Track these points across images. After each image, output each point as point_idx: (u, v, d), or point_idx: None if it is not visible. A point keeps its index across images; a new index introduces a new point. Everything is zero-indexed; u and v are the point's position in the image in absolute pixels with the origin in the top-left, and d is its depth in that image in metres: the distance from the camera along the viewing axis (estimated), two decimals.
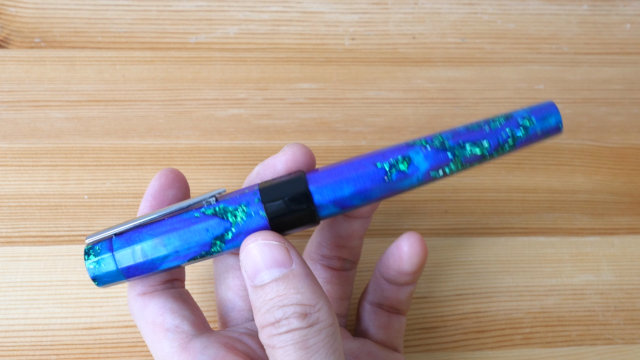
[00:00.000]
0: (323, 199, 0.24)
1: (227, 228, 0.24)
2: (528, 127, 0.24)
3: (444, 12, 0.41)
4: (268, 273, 0.23)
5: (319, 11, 0.41)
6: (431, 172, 0.24)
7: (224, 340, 0.25)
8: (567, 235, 0.36)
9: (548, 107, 0.24)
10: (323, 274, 0.29)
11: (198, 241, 0.24)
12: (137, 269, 0.24)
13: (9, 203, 0.34)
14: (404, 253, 0.27)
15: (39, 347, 0.31)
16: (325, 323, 0.22)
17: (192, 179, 0.35)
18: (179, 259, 0.24)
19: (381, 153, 0.24)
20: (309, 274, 0.23)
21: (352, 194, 0.24)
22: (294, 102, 0.38)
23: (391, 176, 0.24)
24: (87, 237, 0.25)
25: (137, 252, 0.24)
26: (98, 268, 0.24)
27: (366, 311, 0.30)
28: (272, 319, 0.22)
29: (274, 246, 0.23)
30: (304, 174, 0.24)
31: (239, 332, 0.26)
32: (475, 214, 0.36)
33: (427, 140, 0.24)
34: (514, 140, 0.24)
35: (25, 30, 0.38)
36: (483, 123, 0.24)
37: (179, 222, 0.24)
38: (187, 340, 0.25)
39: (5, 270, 0.32)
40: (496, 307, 0.34)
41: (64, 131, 0.36)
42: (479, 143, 0.24)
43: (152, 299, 0.26)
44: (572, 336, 0.33)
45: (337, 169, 0.24)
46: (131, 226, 0.24)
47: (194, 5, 0.40)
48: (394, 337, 0.29)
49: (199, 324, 0.26)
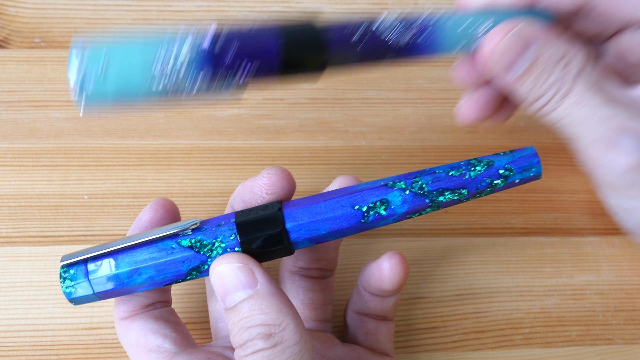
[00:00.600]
0: (299, 236, 0.24)
1: (203, 261, 0.24)
2: (508, 176, 0.24)
3: None
4: (234, 295, 0.23)
5: (319, 11, 0.41)
6: (407, 215, 0.24)
7: (205, 357, 0.25)
8: (567, 235, 0.36)
9: (529, 158, 0.25)
10: (303, 284, 0.29)
11: (174, 271, 0.24)
12: (113, 293, 0.25)
13: (9, 203, 0.34)
14: (384, 275, 0.28)
15: (39, 347, 0.31)
16: (290, 342, 0.22)
17: (192, 179, 0.35)
18: (154, 285, 0.25)
19: (360, 194, 0.24)
20: (275, 292, 0.23)
21: (328, 233, 0.24)
22: (294, 102, 0.38)
23: (368, 218, 0.24)
24: (63, 258, 0.25)
25: (113, 279, 0.24)
26: (74, 292, 0.25)
27: (352, 319, 0.30)
28: (241, 341, 0.22)
29: (239, 268, 0.23)
30: (281, 210, 0.24)
31: (222, 347, 0.27)
32: (475, 214, 0.36)
33: (407, 183, 0.24)
34: (492, 188, 0.25)
35: (25, 30, 0.38)
36: (464, 168, 0.24)
37: (155, 252, 0.24)
38: (169, 358, 0.25)
39: (5, 270, 0.32)
40: (496, 307, 0.34)
41: (64, 131, 0.36)
42: (457, 192, 0.24)
43: (134, 321, 0.26)
44: (572, 336, 0.33)
45: (315, 208, 0.24)
46: (106, 251, 0.24)
47: (194, 5, 0.40)
48: (383, 343, 0.30)
49: (181, 341, 0.26)
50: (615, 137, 0.24)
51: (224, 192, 0.35)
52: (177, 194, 0.35)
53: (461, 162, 0.25)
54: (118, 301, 0.27)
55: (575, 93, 0.25)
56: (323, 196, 0.25)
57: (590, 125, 0.25)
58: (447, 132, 0.38)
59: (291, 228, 0.24)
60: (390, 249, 0.35)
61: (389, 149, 0.37)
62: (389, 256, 0.28)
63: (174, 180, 0.35)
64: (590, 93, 0.25)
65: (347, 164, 0.37)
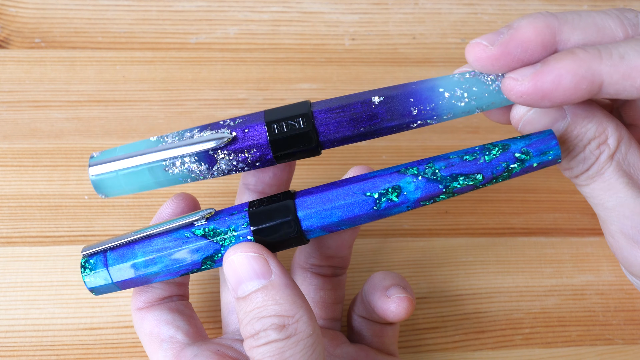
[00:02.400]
0: (311, 224, 0.24)
1: (216, 250, 0.24)
2: (525, 160, 0.23)
3: (444, 13, 0.41)
4: (248, 285, 0.23)
5: (319, 11, 0.41)
6: (421, 202, 0.24)
7: (215, 348, 0.26)
8: (568, 236, 0.36)
9: (547, 140, 0.23)
10: (314, 281, 0.29)
11: (188, 260, 0.25)
12: (131, 282, 0.25)
13: (9, 203, 0.34)
14: (390, 313, 0.27)
15: (40, 347, 0.31)
16: (304, 334, 0.22)
17: None
18: (170, 275, 0.25)
19: (371, 180, 0.24)
20: (289, 284, 0.23)
21: (340, 220, 0.24)
22: (294, 102, 0.38)
23: (380, 205, 0.24)
24: (83, 249, 0.26)
25: (131, 269, 0.25)
26: (94, 281, 0.25)
27: (357, 322, 0.30)
28: (252, 331, 0.22)
29: (253, 258, 0.23)
30: (293, 198, 0.24)
31: (232, 339, 0.27)
32: (475, 214, 0.36)
33: (419, 169, 0.24)
34: (508, 173, 0.23)
35: (25, 31, 0.38)
36: (479, 153, 0.23)
37: (170, 241, 0.25)
38: (180, 349, 0.26)
39: (6, 270, 0.32)
40: (496, 308, 0.34)
41: (64, 131, 0.36)
42: (472, 176, 0.23)
43: (149, 312, 0.27)
44: (572, 336, 0.33)
45: (326, 196, 0.24)
46: (125, 241, 0.25)
47: (194, 6, 0.40)
48: (388, 344, 0.30)
49: (193, 333, 0.27)
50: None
51: (224, 192, 0.35)
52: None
53: (476, 146, 0.24)
54: (136, 292, 0.27)
55: (605, 178, 0.24)
56: (335, 184, 0.25)
57: (618, 215, 0.24)
58: (447, 132, 0.38)
59: (303, 216, 0.24)
60: (392, 249, 0.35)
61: (389, 149, 0.37)
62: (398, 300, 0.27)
63: None
64: (620, 183, 0.23)
65: (347, 164, 0.37)
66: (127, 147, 0.25)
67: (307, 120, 0.24)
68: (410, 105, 0.24)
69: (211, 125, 0.25)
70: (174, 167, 0.25)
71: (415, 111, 0.24)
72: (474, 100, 0.24)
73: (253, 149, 0.24)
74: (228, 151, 0.24)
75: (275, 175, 0.28)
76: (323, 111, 0.24)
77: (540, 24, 0.22)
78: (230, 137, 0.24)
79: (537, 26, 0.22)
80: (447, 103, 0.24)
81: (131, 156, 0.25)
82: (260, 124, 0.24)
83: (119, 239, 0.25)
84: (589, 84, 0.21)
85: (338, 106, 0.24)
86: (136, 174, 0.25)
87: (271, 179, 0.28)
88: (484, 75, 0.24)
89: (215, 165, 0.25)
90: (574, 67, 0.21)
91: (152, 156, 0.24)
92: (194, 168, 0.25)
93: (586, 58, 0.21)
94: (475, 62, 0.23)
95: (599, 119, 0.24)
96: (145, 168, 0.25)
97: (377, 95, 0.24)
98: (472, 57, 0.23)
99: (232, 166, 0.25)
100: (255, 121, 0.25)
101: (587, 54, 0.21)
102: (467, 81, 0.24)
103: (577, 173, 0.24)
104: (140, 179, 0.25)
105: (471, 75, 0.24)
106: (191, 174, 0.25)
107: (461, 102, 0.24)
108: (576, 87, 0.21)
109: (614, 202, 0.24)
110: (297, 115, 0.24)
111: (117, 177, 0.25)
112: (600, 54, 0.21)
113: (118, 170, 0.25)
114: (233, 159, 0.25)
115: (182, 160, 0.24)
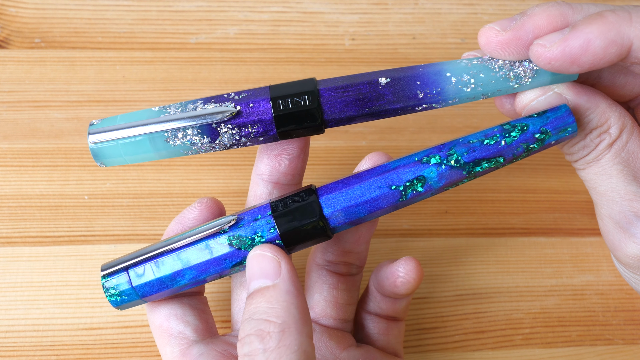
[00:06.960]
0: (338, 222, 0.24)
1: (244, 257, 0.24)
2: (544, 139, 0.23)
3: (444, 13, 0.41)
4: (255, 283, 0.23)
5: (319, 11, 0.41)
6: (445, 188, 0.24)
7: (221, 348, 0.26)
8: (567, 236, 0.36)
9: (564, 118, 0.23)
10: (329, 280, 0.29)
11: (216, 269, 0.25)
12: (159, 295, 0.25)
13: (9, 203, 0.34)
14: (399, 280, 0.27)
15: (39, 347, 0.31)
16: (288, 349, 0.21)
17: (192, 179, 0.35)
18: (198, 283, 0.25)
19: (395, 172, 0.24)
20: (292, 291, 0.23)
21: (367, 214, 0.24)
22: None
23: (406, 196, 0.24)
24: (103, 267, 0.25)
25: (157, 284, 0.25)
26: (121, 300, 0.25)
27: (364, 319, 0.30)
28: (242, 334, 0.22)
29: (265, 258, 0.23)
30: (317, 196, 0.24)
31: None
32: (475, 214, 0.36)
33: (441, 157, 0.24)
34: (528, 153, 0.24)
35: (25, 31, 0.38)
36: (499, 135, 0.23)
37: (196, 253, 0.24)
38: (187, 346, 0.26)
39: (6, 270, 0.32)
40: (496, 308, 0.34)
41: (64, 131, 0.36)
42: (494, 160, 0.24)
43: (161, 305, 0.27)
44: (572, 336, 0.33)
45: (351, 192, 0.24)
46: (147, 256, 0.25)
47: (194, 6, 0.40)
48: (394, 343, 0.30)
49: (203, 329, 0.26)
50: (630, 222, 0.24)
51: (224, 192, 0.35)
52: (177, 194, 0.35)
53: (494, 128, 0.24)
54: None
55: (601, 164, 0.24)
56: (358, 178, 0.24)
57: (608, 199, 0.24)
58: (447, 132, 0.38)
59: (329, 214, 0.24)
60: (391, 249, 0.35)
61: (389, 149, 0.37)
62: (405, 262, 0.27)
63: (174, 180, 0.35)
64: (615, 169, 0.24)
65: (347, 164, 0.37)
66: (128, 116, 0.25)
67: (313, 97, 0.24)
68: (416, 88, 0.24)
69: (215, 98, 0.25)
70: (176, 139, 0.24)
71: (421, 94, 0.24)
72: (480, 87, 0.24)
73: (257, 124, 0.24)
74: (232, 125, 0.24)
75: (290, 163, 0.27)
76: (329, 89, 0.24)
77: (554, 12, 0.22)
78: (235, 111, 0.24)
79: (551, 14, 0.22)
80: (454, 88, 0.24)
81: (133, 126, 0.24)
82: (265, 99, 0.24)
83: (139, 253, 0.25)
84: (618, 47, 0.21)
85: (344, 85, 0.24)
86: (137, 144, 0.24)
87: (286, 167, 0.27)
88: (492, 61, 0.24)
89: (218, 139, 0.24)
90: (603, 31, 0.21)
91: (155, 127, 0.24)
92: (196, 140, 0.24)
93: (616, 21, 0.21)
94: (486, 46, 0.23)
95: (602, 109, 0.24)
96: (146, 138, 0.24)
97: (384, 76, 0.24)
98: (483, 41, 0.23)
99: (235, 140, 0.25)
100: (260, 96, 0.24)
101: (617, 17, 0.21)
102: (474, 67, 0.24)
103: (577, 158, 0.25)
104: (141, 149, 0.24)
105: (479, 62, 0.24)
106: (193, 146, 0.24)
107: (467, 87, 0.24)
108: (605, 51, 0.21)
109: (605, 186, 0.24)
110: (303, 92, 0.24)
111: (117, 146, 0.24)
112: (630, 16, 0.21)
113: (118, 139, 0.24)
114: (236, 133, 0.24)
115: (185, 132, 0.24)
